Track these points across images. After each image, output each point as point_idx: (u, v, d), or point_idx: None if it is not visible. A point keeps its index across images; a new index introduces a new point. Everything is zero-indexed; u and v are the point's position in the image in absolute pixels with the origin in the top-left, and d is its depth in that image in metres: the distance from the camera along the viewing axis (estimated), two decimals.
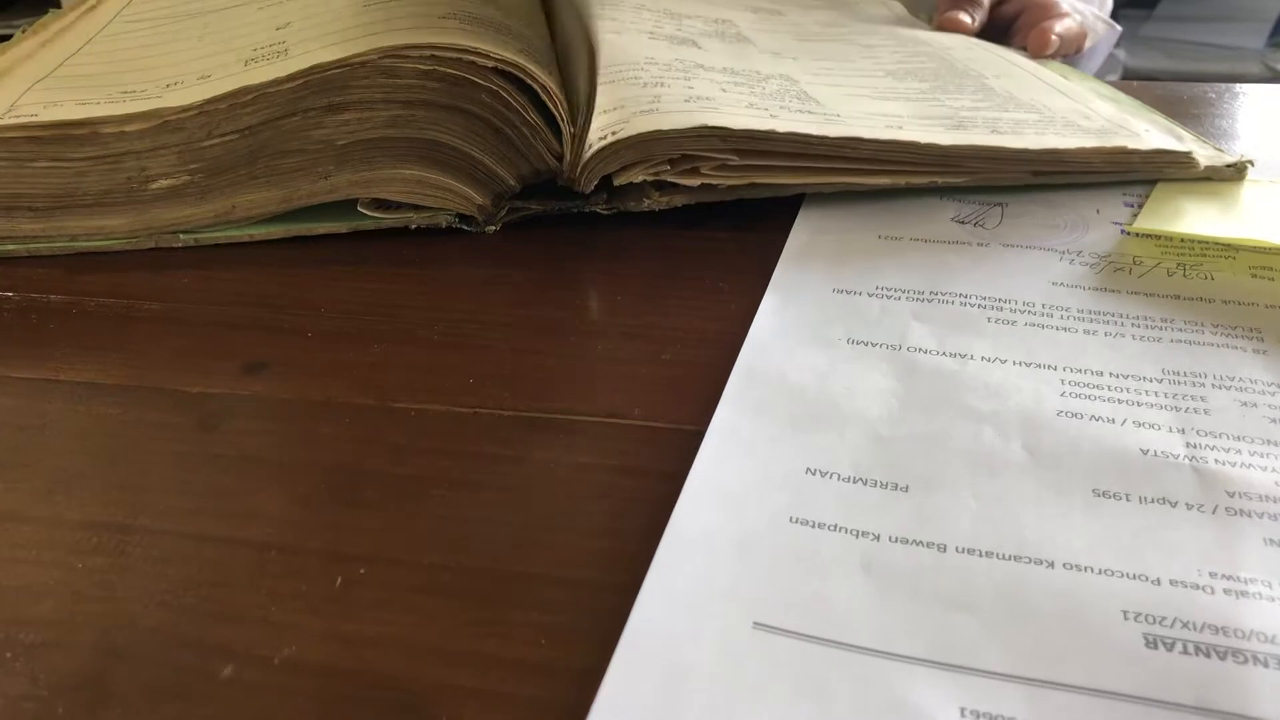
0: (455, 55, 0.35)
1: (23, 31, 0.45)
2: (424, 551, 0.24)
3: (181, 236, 0.38)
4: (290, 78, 0.35)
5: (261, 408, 0.29)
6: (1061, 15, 0.59)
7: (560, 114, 0.36)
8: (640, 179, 0.37)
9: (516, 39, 0.37)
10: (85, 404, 0.30)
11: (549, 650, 0.21)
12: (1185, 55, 1.60)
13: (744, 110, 0.38)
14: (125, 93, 0.37)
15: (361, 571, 0.23)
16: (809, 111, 0.39)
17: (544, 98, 0.36)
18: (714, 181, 0.37)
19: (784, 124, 0.37)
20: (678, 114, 0.37)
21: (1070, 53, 0.61)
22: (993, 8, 0.62)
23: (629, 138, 0.36)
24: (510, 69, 0.35)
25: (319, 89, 0.35)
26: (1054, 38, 0.56)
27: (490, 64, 0.35)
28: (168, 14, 0.46)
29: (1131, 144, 0.39)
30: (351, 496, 0.25)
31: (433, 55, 0.35)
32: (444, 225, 0.39)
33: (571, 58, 0.45)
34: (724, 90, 0.40)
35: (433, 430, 0.28)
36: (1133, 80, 0.56)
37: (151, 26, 0.45)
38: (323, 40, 0.37)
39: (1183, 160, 0.40)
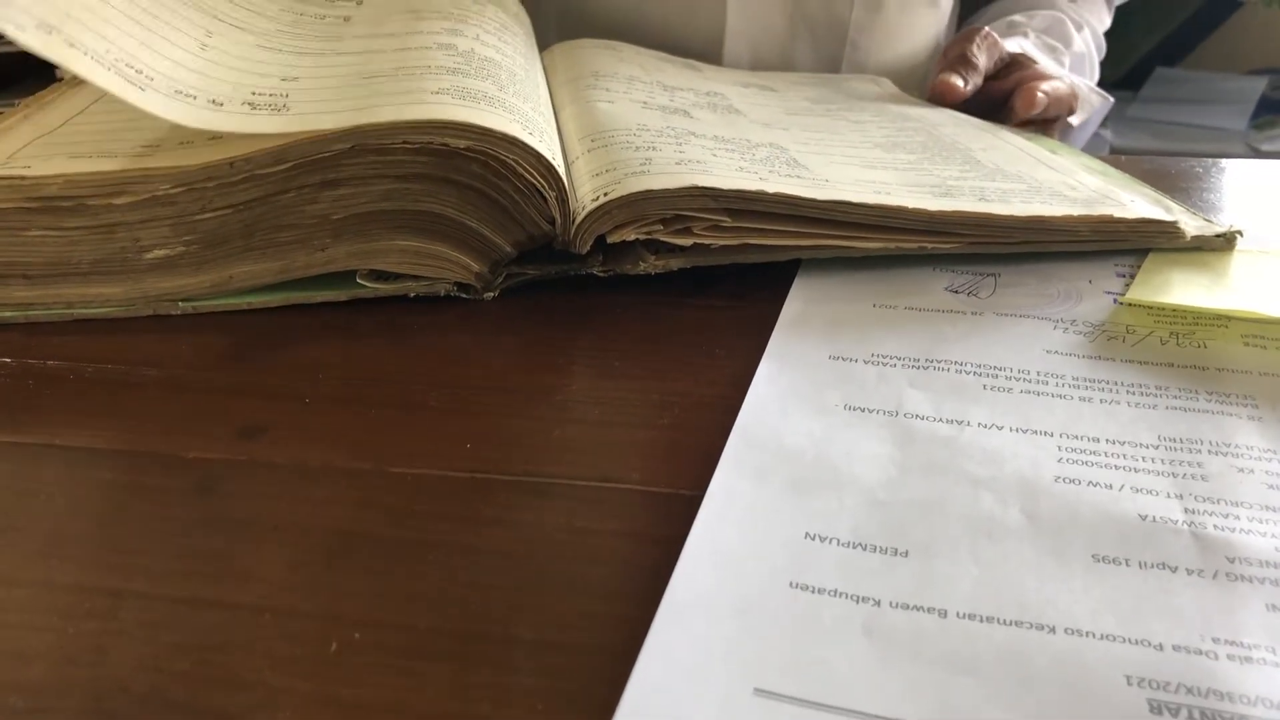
0: (428, 135, 0.35)
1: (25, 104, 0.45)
2: (420, 615, 0.23)
3: (180, 304, 0.38)
4: (277, 159, 0.35)
5: (258, 472, 0.29)
6: (1052, 78, 0.60)
7: (537, 181, 0.36)
8: (633, 237, 0.37)
9: (509, 111, 0.38)
10: (81, 469, 0.29)
11: (545, 716, 0.21)
12: (1170, 135, 1.63)
13: (734, 173, 0.39)
14: (121, 152, 0.37)
15: (356, 635, 0.23)
16: (798, 176, 0.40)
17: (520, 168, 0.36)
18: (706, 241, 0.37)
19: (773, 185, 0.37)
20: (669, 175, 0.37)
21: (1062, 114, 0.62)
22: (987, 79, 0.63)
23: (621, 198, 0.36)
24: (486, 140, 0.35)
25: (311, 168, 0.35)
26: (1040, 95, 0.57)
27: (464, 144, 0.35)
28: None
29: (1117, 213, 0.40)
30: (347, 560, 0.25)
31: (404, 140, 0.35)
32: (442, 294, 0.39)
33: (563, 126, 0.46)
34: (714, 155, 0.41)
35: (429, 494, 0.28)
36: (1120, 156, 0.57)
37: None
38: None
39: (1170, 230, 0.40)
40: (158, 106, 0.34)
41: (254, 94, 0.38)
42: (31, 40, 0.31)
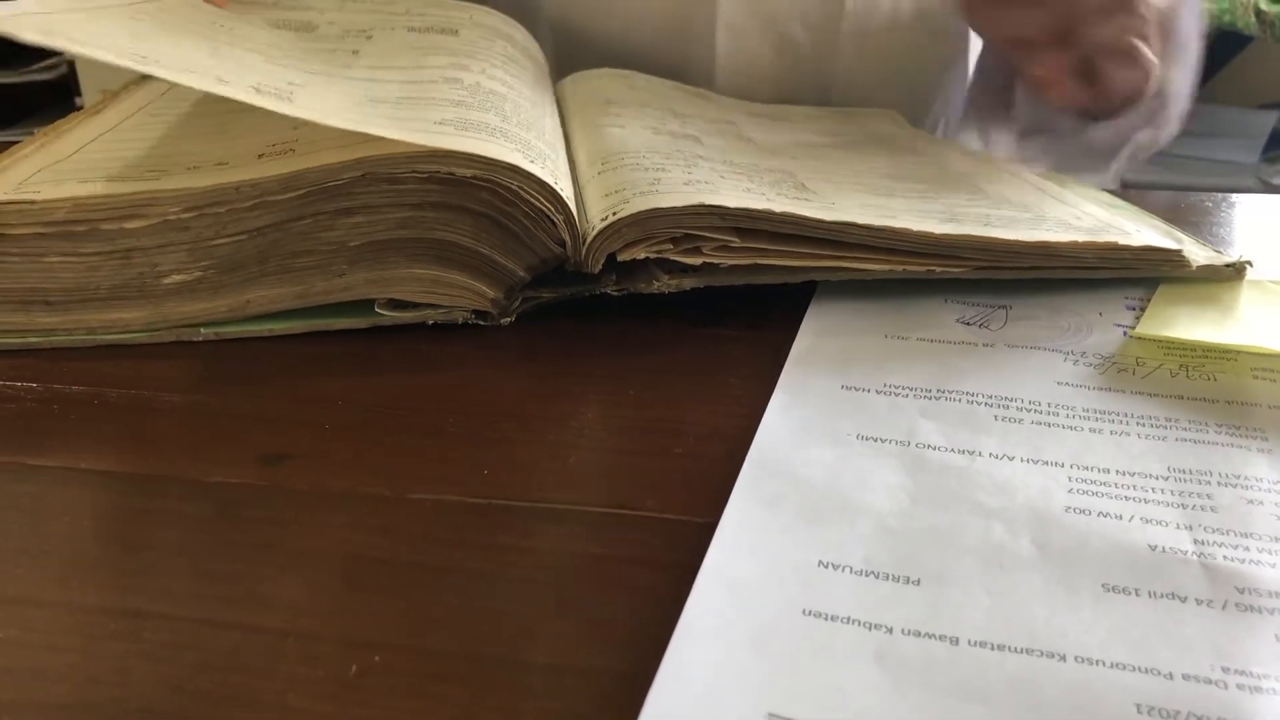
0: (435, 164, 0.36)
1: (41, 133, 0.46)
2: (438, 639, 0.24)
3: (202, 330, 0.39)
4: (285, 186, 0.35)
5: (279, 498, 0.29)
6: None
7: (544, 205, 0.37)
8: (643, 255, 0.38)
9: (510, 140, 0.38)
10: (104, 492, 0.30)
11: None
12: (1181, 169, 1.64)
13: (741, 193, 0.39)
14: (129, 177, 0.38)
15: (376, 659, 0.23)
16: (805, 199, 0.41)
17: (526, 194, 0.36)
18: (716, 261, 0.38)
19: (780, 206, 0.38)
20: (676, 194, 0.38)
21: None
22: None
23: (629, 216, 0.37)
24: (490, 169, 0.36)
25: (323, 195, 0.36)
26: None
27: (470, 173, 0.36)
28: (191, 110, 0.48)
29: (1122, 240, 0.40)
30: (367, 585, 0.26)
31: (413, 169, 0.36)
32: (460, 321, 0.39)
33: (575, 152, 0.47)
34: (723, 177, 0.42)
35: (448, 520, 0.28)
36: (1130, 190, 0.57)
37: (172, 121, 0.47)
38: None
39: (1175, 258, 0.41)
40: (165, 74, 0.34)
41: (259, 84, 0.37)
42: (32, 38, 0.32)
